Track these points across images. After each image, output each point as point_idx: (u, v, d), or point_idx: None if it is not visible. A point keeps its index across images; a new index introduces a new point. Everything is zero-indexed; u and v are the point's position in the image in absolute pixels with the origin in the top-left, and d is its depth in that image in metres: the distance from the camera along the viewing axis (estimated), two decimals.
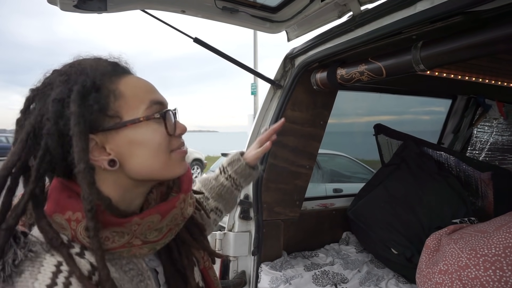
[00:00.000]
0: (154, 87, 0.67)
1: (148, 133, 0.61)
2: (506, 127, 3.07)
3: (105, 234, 0.57)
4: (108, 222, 0.57)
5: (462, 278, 1.26)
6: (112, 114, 0.59)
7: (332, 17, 1.50)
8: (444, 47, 1.11)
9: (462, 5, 0.96)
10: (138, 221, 0.59)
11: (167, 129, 0.62)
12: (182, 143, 0.67)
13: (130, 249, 0.60)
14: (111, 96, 0.59)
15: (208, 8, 1.50)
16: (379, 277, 1.82)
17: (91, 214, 0.53)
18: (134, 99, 0.61)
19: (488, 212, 1.90)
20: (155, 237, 0.62)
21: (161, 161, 0.62)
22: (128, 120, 0.59)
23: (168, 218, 0.63)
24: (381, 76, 1.34)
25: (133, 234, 0.59)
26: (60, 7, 1.34)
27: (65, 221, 0.57)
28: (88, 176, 0.54)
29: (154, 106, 0.62)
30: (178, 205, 0.66)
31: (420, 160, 2.00)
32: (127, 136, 0.59)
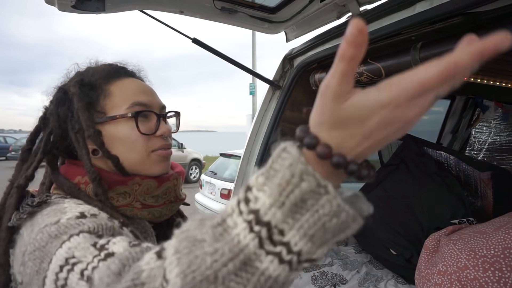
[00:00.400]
0: (148, 90, 0.74)
1: (125, 130, 0.68)
2: (504, 128, 3.07)
3: (110, 194, 0.65)
4: (114, 181, 0.65)
5: (461, 279, 1.26)
6: (99, 109, 0.68)
7: (331, 17, 1.50)
8: (443, 48, 1.11)
9: (462, 6, 0.96)
10: (139, 180, 0.67)
11: (139, 128, 0.67)
12: (166, 144, 0.72)
13: (132, 209, 0.67)
14: (101, 94, 0.69)
15: (206, 8, 1.50)
16: (378, 277, 1.82)
17: (97, 181, 0.62)
18: (120, 99, 0.69)
19: (487, 212, 1.91)
20: (152, 202, 0.69)
21: (137, 158, 0.68)
22: (108, 116, 0.68)
23: (163, 188, 0.70)
24: (380, 77, 1.34)
25: (134, 195, 0.67)
26: (58, 8, 1.34)
27: (83, 184, 0.65)
28: (97, 139, 0.65)
29: (136, 107, 0.69)
30: (171, 180, 0.72)
31: (419, 160, 2.00)
32: (108, 131, 0.68)
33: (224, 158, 6.17)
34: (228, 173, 5.69)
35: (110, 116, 0.67)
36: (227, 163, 5.95)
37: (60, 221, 0.52)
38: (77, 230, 0.50)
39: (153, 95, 0.74)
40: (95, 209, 0.59)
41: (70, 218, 0.53)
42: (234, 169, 5.63)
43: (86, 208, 0.57)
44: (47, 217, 0.54)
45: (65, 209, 0.56)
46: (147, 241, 0.68)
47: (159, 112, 0.72)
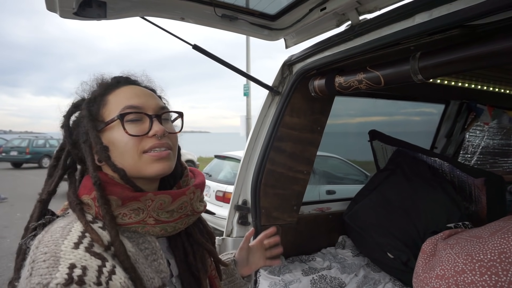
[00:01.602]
0: (143, 93, 0.75)
1: (116, 134, 0.70)
2: (497, 131, 3.14)
3: (123, 211, 0.66)
4: (127, 197, 0.66)
5: (459, 283, 1.29)
6: (100, 119, 0.72)
7: (330, 26, 1.52)
8: (442, 58, 1.14)
9: (460, 19, 0.99)
10: (152, 196, 0.68)
11: (125, 130, 0.69)
12: (159, 143, 0.71)
13: (144, 226, 0.68)
14: (101, 104, 0.73)
15: (207, 15, 1.51)
16: (376, 281, 1.85)
17: (97, 186, 0.65)
18: (114, 105, 0.72)
19: (481, 216, 1.94)
20: (166, 218, 0.69)
21: (129, 161, 0.69)
22: (104, 123, 0.71)
23: (178, 203, 0.71)
24: (379, 85, 1.37)
25: (147, 211, 0.67)
26: (59, 14, 1.34)
27: (91, 200, 0.67)
28: (103, 154, 0.68)
29: (127, 110, 0.70)
30: (188, 194, 0.73)
31: (414, 166, 2.03)
32: (107, 137, 0.70)
33: (218, 160, 6.17)
34: (223, 175, 5.69)
35: (105, 122, 0.70)
36: (221, 165, 5.95)
37: (49, 285, 0.52)
38: None
39: (147, 97, 0.75)
40: (87, 255, 0.57)
41: (58, 284, 0.52)
42: (228, 171, 5.64)
43: (78, 256, 0.57)
44: (42, 263, 0.55)
45: (60, 253, 0.56)
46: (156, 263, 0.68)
47: (154, 113, 0.72)
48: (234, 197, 1.84)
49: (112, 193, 0.66)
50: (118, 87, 0.75)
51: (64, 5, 1.28)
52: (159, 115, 0.73)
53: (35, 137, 16.16)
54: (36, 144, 15.50)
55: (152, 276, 0.65)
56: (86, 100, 0.74)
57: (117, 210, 0.66)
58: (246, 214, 1.82)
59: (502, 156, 3.31)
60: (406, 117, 3.37)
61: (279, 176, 1.82)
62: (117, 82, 0.76)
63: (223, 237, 1.82)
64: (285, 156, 1.81)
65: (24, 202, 7.88)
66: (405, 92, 2.45)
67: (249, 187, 1.80)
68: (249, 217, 1.81)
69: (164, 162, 0.71)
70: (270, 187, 1.80)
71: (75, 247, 0.57)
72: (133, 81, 0.79)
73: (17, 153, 15.17)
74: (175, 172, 0.80)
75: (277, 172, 1.81)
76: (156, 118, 0.72)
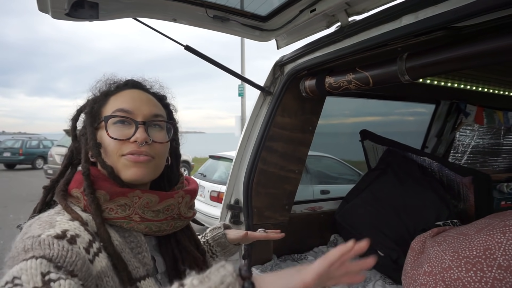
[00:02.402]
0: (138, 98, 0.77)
1: (104, 134, 0.73)
2: (486, 131, 3.19)
3: (110, 205, 0.69)
4: (115, 192, 0.69)
5: (445, 279, 1.32)
6: (99, 118, 0.75)
7: (320, 27, 1.54)
8: (428, 59, 1.16)
9: (445, 21, 1.01)
10: (139, 193, 0.70)
11: (107, 132, 0.72)
12: (136, 150, 0.71)
13: (129, 222, 0.70)
14: (103, 103, 0.77)
15: (199, 16, 1.52)
16: (367, 278, 1.87)
17: (85, 176, 0.69)
18: (111, 106, 0.75)
19: (469, 214, 1.98)
20: (151, 216, 0.72)
21: (111, 161, 0.72)
22: (96, 123, 0.75)
23: (165, 204, 0.73)
24: (368, 85, 1.39)
25: (133, 208, 0.70)
26: (51, 15, 1.35)
27: (80, 193, 0.69)
28: (95, 150, 0.71)
29: (117, 112, 0.73)
30: (176, 197, 0.76)
31: (404, 165, 2.06)
32: (99, 135, 0.75)
33: (213, 160, 6.17)
34: (218, 175, 5.70)
35: (97, 121, 0.76)
36: (216, 165, 5.96)
37: (41, 236, 0.56)
38: (41, 252, 0.52)
39: (142, 102, 0.76)
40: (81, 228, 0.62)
41: (49, 235, 0.57)
42: (223, 171, 5.64)
43: (73, 226, 0.62)
44: (38, 227, 0.60)
45: (55, 222, 0.61)
46: (140, 256, 0.70)
47: (143, 120, 0.73)
48: (226, 196, 1.86)
49: (101, 188, 0.69)
50: (123, 89, 0.78)
51: (56, 6, 1.28)
52: (146, 122, 0.74)
53: (29, 138, 16.03)
54: (29, 145, 15.38)
55: (137, 265, 0.68)
56: (92, 97, 0.79)
57: (104, 204, 0.68)
58: (238, 213, 1.83)
59: (492, 155, 3.36)
60: (399, 117, 3.40)
61: (270, 175, 1.83)
62: (124, 85, 0.80)
63: None
64: (276, 155, 1.83)
65: (17, 203, 7.82)
66: (396, 92, 2.48)
67: (241, 187, 1.81)
68: (241, 216, 1.83)
69: (141, 167, 0.72)
70: (262, 186, 1.82)
71: (70, 220, 0.63)
72: (139, 85, 0.82)
73: (10, 154, 15.03)
74: (171, 178, 0.85)
75: (269, 171, 1.83)
76: (143, 125, 0.73)
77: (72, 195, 0.70)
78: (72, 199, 0.70)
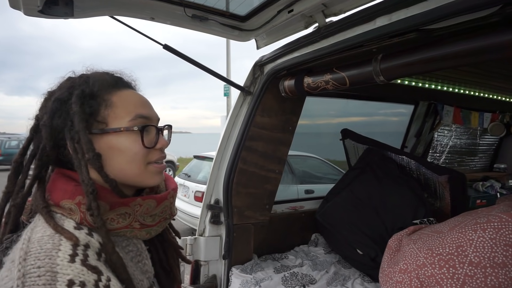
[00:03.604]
0: (147, 103, 0.75)
1: (127, 143, 0.68)
2: (463, 131, 3.27)
3: (110, 215, 0.65)
4: (116, 202, 0.66)
5: (420, 276, 1.34)
6: (100, 120, 0.68)
7: (299, 27, 1.55)
8: (401, 60, 1.19)
9: (417, 23, 1.03)
10: (140, 201, 0.68)
11: (143, 142, 0.69)
12: (163, 157, 0.74)
13: (132, 230, 0.68)
14: (103, 104, 0.68)
15: (177, 15, 1.51)
16: (346, 277, 1.89)
17: (93, 195, 0.61)
18: (122, 110, 0.69)
19: (445, 212, 2.03)
20: (149, 222, 0.71)
21: (135, 170, 0.69)
22: (111, 128, 0.68)
23: (161, 207, 0.72)
24: (345, 85, 1.41)
25: (134, 216, 0.68)
26: (24, 12, 1.31)
27: (74, 205, 0.63)
28: (96, 163, 0.65)
29: (138, 119, 0.70)
30: (169, 198, 0.74)
31: (383, 164, 2.10)
32: (109, 142, 0.67)
33: (198, 160, 6.14)
34: (202, 175, 5.66)
35: (114, 128, 0.68)
36: (201, 165, 5.92)
37: None
38: None
39: (151, 107, 0.76)
40: (84, 270, 0.55)
41: None
42: (208, 171, 5.59)
43: (76, 271, 0.55)
44: (34, 277, 0.52)
45: (56, 268, 0.53)
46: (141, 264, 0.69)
47: (157, 125, 0.74)
48: (206, 196, 1.85)
49: (99, 198, 0.63)
50: (119, 88, 0.72)
51: (28, 2, 1.25)
52: (162, 128, 0.76)
53: (8, 138, 15.60)
54: (9, 145, 14.97)
55: (141, 278, 0.67)
56: (77, 94, 0.67)
57: (105, 215, 0.64)
58: (218, 213, 1.83)
59: (469, 155, 3.45)
60: (384, 118, 3.45)
61: (251, 175, 1.84)
62: (115, 82, 0.73)
63: (195, 236, 1.82)
64: (257, 155, 1.83)
65: None
66: (376, 92, 2.52)
67: (221, 186, 1.81)
68: (221, 216, 1.82)
69: (162, 174, 0.75)
70: (242, 186, 1.82)
71: (71, 261, 0.55)
72: (130, 84, 0.78)
73: None
74: None
75: (249, 171, 1.83)
76: (160, 131, 0.75)
77: (61, 207, 0.64)
78: (58, 210, 0.64)
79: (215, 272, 1.84)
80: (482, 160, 3.62)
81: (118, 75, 0.77)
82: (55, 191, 0.66)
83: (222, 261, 1.83)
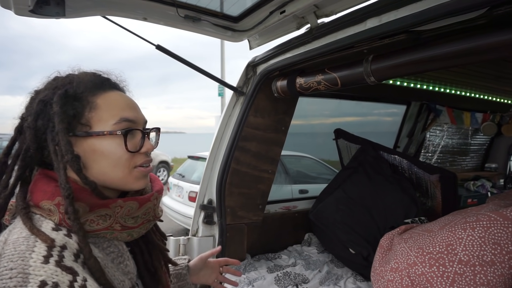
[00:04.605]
0: (133, 105, 0.74)
1: (111, 146, 0.67)
2: (455, 131, 3.30)
3: (90, 217, 0.64)
4: (96, 204, 0.64)
5: (411, 275, 1.36)
6: (84, 122, 0.67)
7: (291, 28, 1.56)
8: (391, 62, 1.20)
9: (406, 25, 1.05)
10: (121, 203, 0.67)
11: (126, 146, 0.68)
12: (148, 161, 0.73)
13: (112, 232, 0.67)
14: (87, 106, 0.67)
15: (170, 16, 1.51)
16: (338, 276, 1.91)
17: (69, 199, 0.60)
18: (107, 113, 0.68)
19: (437, 211, 2.05)
20: (131, 224, 0.69)
21: (119, 174, 0.68)
22: (94, 131, 0.67)
23: (144, 209, 0.71)
24: (336, 86, 1.42)
25: (115, 217, 0.66)
26: (14, 12, 1.31)
27: (53, 206, 0.62)
28: (75, 165, 0.63)
29: (123, 123, 0.68)
30: (152, 200, 0.73)
31: (376, 164, 2.11)
32: (92, 145, 0.66)
33: (192, 161, 6.12)
34: (196, 175, 5.65)
35: (97, 132, 0.66)
36: (195, 166, 5.91)
37: None
38: None
39: (137, 110, 0.74)
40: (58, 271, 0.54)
41: None
42: (202, 172, 5.59)
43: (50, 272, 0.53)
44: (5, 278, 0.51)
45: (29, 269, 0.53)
46: (122, 265, 0.68)
47: (143, 128, 0.73)
48: (199, 196, 1.86)
49: (79, 199, 0.63)
50: (104, 90, 0.71)
51: (19, 2, 1.25)
52: (148, 131, 0.74)
53: None
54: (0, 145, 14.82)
55: (122, 279, 0.66)
56: (60, 94, 0.65)
57: (84, 216, 0.63)
58: (211, 213, 1.83)
59: (461, 154, 3.49)
60: (378, 118, 3.48)
61: (244, 175, 1.84)
62: (101, 83, 0.72)
63: (188, 236, 1.82)
64: (250, 155, 1.84)
65: None
66: (368, 93, 2.54)
67: (214, 187, 1.81)
68: (215, 217, 1.83)
69: (148, 177, 0.74)
70: (235, 186, 1.83)
71: (44, 262, 0.54)
72: (117, 86, 0.76)
73: None
74: None
75: (242, 171, 1.83)
76: (146, 134, 0.73)
77: (41, 207, 0.63)
78: (38, 211, 0.63)
79: None
80: (474, 159, 3.66)
81: (105, 76, 0.75)
82: (36, 192, 0.64)
83: None
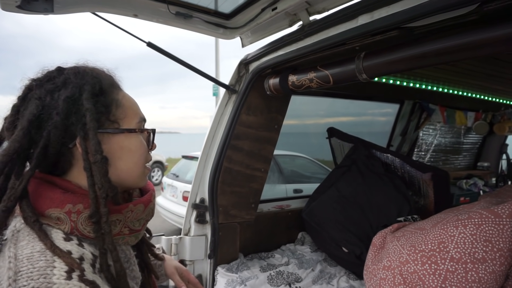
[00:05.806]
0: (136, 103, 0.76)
1: (137, 144, 0.70)
2: (448, 130, 3.32)
3: None
4: (110, 210, 0.63)
5: (403, 273, 1.36)
6: (113, 119, 0.67)
7: (283, 25, 1.55)
8: (383, 58, 1.19)
9: (397, 21, 1.04)
10: (132, 207, 0.67)
11: (151, 144, 0.73)
12: (151, 157, 0.76)
13: (123, 237, 0.67)
14: (113, 103, 0.68)
15: (161, 13, 1.50)
16: (332, 275, 1.90)
17: (105, 201, 0.60)
18: (131, 111, 0.70)
19: (429, 209, 2.05)
20: (137, 226, 0.70)
21: (139, 170, 0.71)
22: (125, 128, 0.68)
23: (148, 210, 0.72)
24: (328, 83, 1.41)
25: (124, 222, 0.66)
26: (1, 7, 1.28)
27: (63, 214, 0.59)
28: (103, 166, 0.61)
29: (142, 122, 0.73)
30: (152, 199, 0.74)
31: (369, 162, 2.11)
32: (121, 142, 0.67)
33: (186, 160, 6.11)
34: (190, 175, 5.63)
35: (127, 129, 0.68)
36: (189, 165, 5.89)
37: None
38: None
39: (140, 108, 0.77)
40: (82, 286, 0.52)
41: None
42: None
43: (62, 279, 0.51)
44: None
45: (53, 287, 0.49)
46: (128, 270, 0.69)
47: None
48: (191, 195, 1.84)
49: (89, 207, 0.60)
50: (121, 88, 0.73)
51: None
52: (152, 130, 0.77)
53: None
54: None
55: (132, 285, 0.66)
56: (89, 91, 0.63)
57: None
58: (203, 212, 1.81)
59: (453, 153, 3.51)
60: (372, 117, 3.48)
61: (236, 174, 1.83)
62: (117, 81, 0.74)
63: (180, 235, 1.80)
64: (242, 154, 1.83)
65: None
66: (361, 91, 2.54)
67: (207, 185, 1.80)
68: (207, 216, 1.81)
69: None
70: (228, 185, 1.81)
71: (67, 278, 0.51)
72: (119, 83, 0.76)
73: None
74: None
75: (234, 170, 1.82)
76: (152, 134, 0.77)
77: (47, 216, 0.59)
78: (44, 220, 0.58)
79: (201, 272, 1.82)
80: (466, 158, 3.68)
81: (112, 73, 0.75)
82: (39, 199, 0.60)
83: (207, 261, 1.81)
